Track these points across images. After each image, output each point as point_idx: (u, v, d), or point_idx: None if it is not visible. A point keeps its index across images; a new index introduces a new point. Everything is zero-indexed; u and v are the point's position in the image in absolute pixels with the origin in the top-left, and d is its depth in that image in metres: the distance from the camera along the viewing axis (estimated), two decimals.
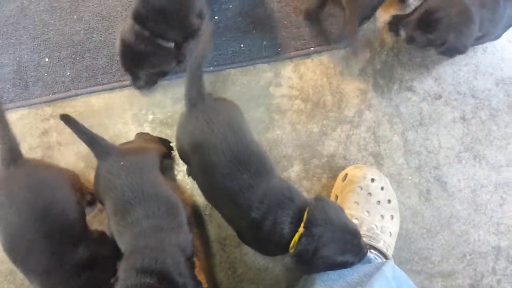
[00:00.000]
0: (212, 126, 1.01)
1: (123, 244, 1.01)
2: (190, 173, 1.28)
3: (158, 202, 1.01)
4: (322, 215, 0.99)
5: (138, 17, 1.11)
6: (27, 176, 1.00)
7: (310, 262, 0.98)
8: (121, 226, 1.00)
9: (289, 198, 1.01)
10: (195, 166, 1.05)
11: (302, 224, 0.98)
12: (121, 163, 1.02)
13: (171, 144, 1.29)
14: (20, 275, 1.23)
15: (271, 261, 1.27)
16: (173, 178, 1.31)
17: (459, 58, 1.36)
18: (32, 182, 0.99)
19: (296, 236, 0.98)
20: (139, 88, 1.23)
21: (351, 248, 0.99)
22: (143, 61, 1.13)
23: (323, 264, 0.99)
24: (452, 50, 1.19)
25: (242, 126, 1.06)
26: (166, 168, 1.29)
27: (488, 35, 1.21)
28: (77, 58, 1.30)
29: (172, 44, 1.15)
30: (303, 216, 0.99)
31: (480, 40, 1.23)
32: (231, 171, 0.99)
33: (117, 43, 1.14)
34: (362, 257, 1.01)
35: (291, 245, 0.99)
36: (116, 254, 1.05)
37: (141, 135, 1.26)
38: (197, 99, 1.04)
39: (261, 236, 1.01)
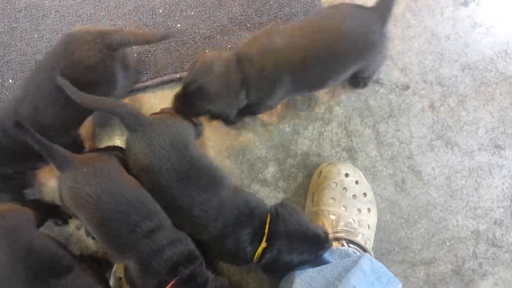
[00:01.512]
0: (153, 149, 1.00)
1: (123, 255, 0.98)
2: None
3: (141, 203, 0.98)
4: (281, 227, 1.02)
5: None
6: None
7: (273, 269, 1.03)
8: (112, 235, 0.96)
9: (247, 215, 1.02)
10: (147, 189, 1.03)
11: (264, 239, 1.01)
12: (85, 169, 0.98)
13: None
14: None
15: (253, 264, 1.27)
16: None
17: (424, 47, 1.37)
18: (5, 232, 0.96)
19: (260, 250, 1.01)
20: None
21: (309, 251, 1.04)
22: None
23: (284, 268, 1.04)
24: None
25: (186, 142, 1.04)
26: None
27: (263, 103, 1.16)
28: None
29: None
30: (264, 229, 1.02)
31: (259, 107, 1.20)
32: (179, 191, 1.00)
33: None
34: (321, 253, 1.06)
35: (255, 257, 1.02)
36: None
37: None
38: (134, 124, 1.02)
39: (225, 252, 1.03)
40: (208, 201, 1.00)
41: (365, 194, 1.22)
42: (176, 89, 1.29)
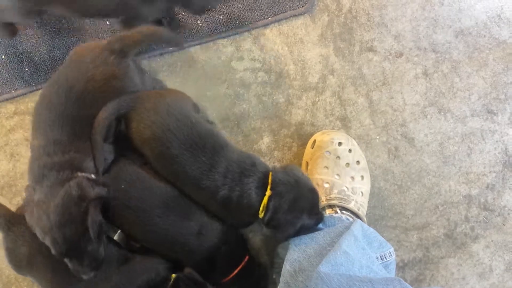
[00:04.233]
0: (152, 119, 1.01)
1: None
2: None
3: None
4: (286, 176, 1.03)
5: None
6: None
7: (281, 223, 1.03)
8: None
9: (251, 165, 1.04)
10: (151, 162, 1.06)
11: (268, 187, 1.01)
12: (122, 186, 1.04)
13: None
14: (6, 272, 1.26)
15: (250, 231, 1.30)
16: None
17: (417, 14, 1.36)
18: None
19: (265, 199, 1.01)
20: None
21: (311, 209, 1.05)
22: None
23: (287, 225, 1.03)
24: None
25: (183, 109, 1.05)
26: None
27: None
28: (34, 52, 1.28)
29: None
30: (267, 181, 1.03)
31: None
32: (186, 158, 1.00)
33: None
34: (319, 220, 1.07)
35: (260, 209, 1.02)
36: None
37: None
38: (130, 105, 1.04)
39: (232, 209, 1.04)
40: (218, 162, 1.02)
41: (358, 162, 1.24)
42: (168, 61, 1.30)
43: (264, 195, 1.02)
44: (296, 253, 1.02)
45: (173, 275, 1.05)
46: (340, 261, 0.91)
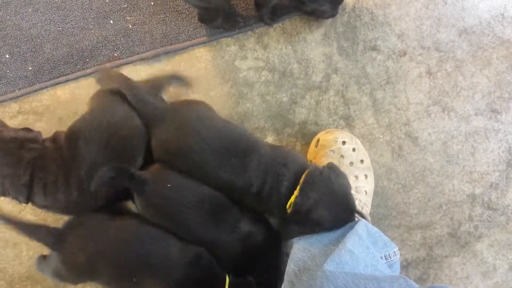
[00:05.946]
0: (183, 129, 1.02)
1: None
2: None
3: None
4: (324, 182, 1.02)
5: None
6: None
7: (303, 223, 1.03)
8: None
9: (284, 164, 1.04)
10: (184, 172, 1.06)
11: (298, 187, 1.02)
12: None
13: None
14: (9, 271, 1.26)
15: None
16: None
17: (421, 13, 1.36)
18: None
19: (292, 198, 1.02)
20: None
21: (342, 217, 1.05)
22: None
23: (313, 225, 1.04)
24: None
25: (209, 115, 1.07)
26: None
27: None
28: (38, 51, 1.29)
29: None
30: (299, 179, 1.02)
31: None
32: (219, 163, 1.02)
33: None
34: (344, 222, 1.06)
35: (287, 205, 1.03)
36: None
37: None
38: (155, 116, 1.05)
39: (262, 201, 1.06)
40: (250, 162, 1.03)
41: (362, 161, 1.24)
42: (172, 60, 1.30)
43: (293, 193, 1.03)
44: (301, 252, 1.02)
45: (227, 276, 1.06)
46: (345, 259, 0.91)
